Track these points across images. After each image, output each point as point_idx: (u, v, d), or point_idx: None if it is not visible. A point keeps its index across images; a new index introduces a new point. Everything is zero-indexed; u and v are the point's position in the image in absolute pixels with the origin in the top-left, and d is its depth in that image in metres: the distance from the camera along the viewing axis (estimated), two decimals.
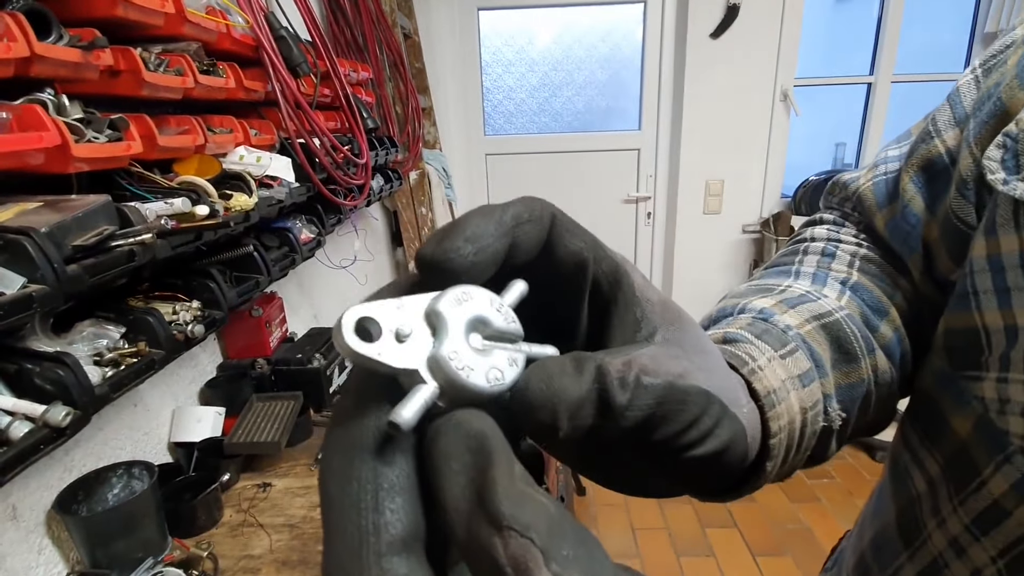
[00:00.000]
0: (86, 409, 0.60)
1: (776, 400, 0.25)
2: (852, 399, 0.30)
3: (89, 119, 0.71)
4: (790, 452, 0.26)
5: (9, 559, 0.76)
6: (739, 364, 0.26)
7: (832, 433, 0.29)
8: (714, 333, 0.30)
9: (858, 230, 0.40)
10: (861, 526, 0.42)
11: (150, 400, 1.01)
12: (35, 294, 0.55)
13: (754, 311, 0.32)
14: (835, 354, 0.30)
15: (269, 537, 0.92)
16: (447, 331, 0.15)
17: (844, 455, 2.58)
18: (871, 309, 0.34)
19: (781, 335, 0.29)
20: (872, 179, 0.39)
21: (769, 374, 0.26)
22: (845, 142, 2.98)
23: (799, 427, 0.26)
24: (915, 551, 0.33)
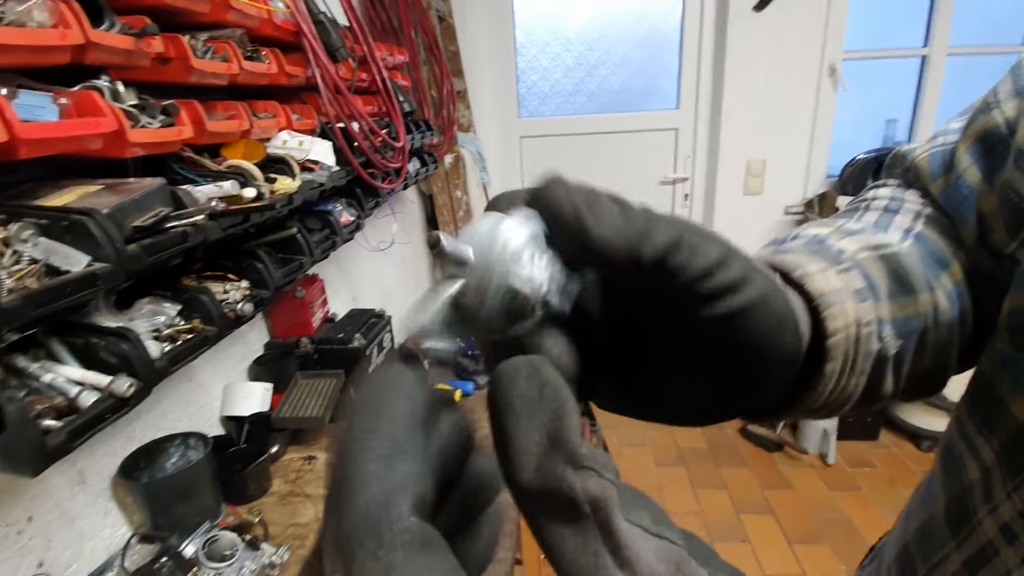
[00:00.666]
0: (147, 381, 0.63)
1: (831, 301, 0.24)
2: (909, 332, 0.28)
3: (143, 105, 0.74)
4: (847, 363, 0.25)
5: (79, 521, 0.82)
6: (788, 270, 0.25)
7: (887, 362, 0.27)
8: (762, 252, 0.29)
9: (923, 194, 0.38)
10: (906, 518, 0.41)
11: (203, 376, 1.07)
12: (99, 272, 0.58)
13: (807, 237, 0.31)
14: (892, 285, 0.28)
15: (315, 507, 0.96)
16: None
17: (888, 444, 2.50)
18: (934, 259, 0.32)
19: (836, 255, 0.28)
20: (929, 150, 0.38)
21: (821, 280, 0.25)
22: (897, 119, 2.82)
23: (854, 336, 0.25)
24: (963, 539, 0.32)
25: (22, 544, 0.74)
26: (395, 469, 0.13)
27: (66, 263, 0.56)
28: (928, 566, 0.35)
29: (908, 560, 0.37)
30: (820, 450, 2.42)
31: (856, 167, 2.48)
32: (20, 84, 0.61)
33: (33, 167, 0.70)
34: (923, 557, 0.35)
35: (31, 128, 0.56)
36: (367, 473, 0.13)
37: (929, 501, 0.37)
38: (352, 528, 0.13)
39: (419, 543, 0.13)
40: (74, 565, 0.80)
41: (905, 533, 0.39)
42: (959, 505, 0.33)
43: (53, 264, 0.56)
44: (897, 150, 0.42)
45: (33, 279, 0.53)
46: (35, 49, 0.59)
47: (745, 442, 2.55)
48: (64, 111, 0.64)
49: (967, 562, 0.31)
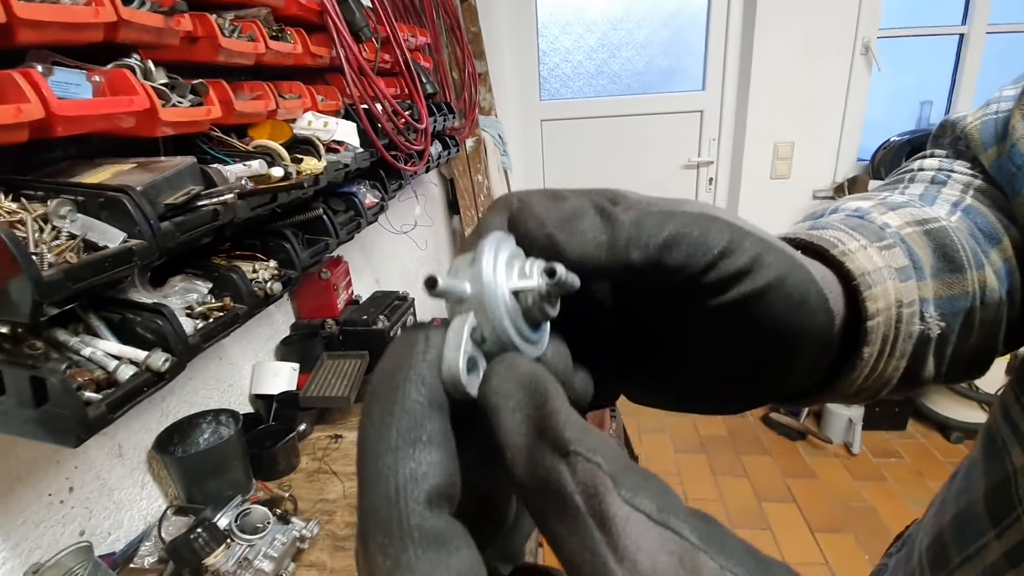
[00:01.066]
0: (182, 356, 0.64)
1: (872, 281, 0.23)
2: (954, 312, 0.27)
3: (173, 84, 0.75)
4: (886, 346, 0.24)
5: (117, 492, 0.85)
6: (827, 247, 0.24)
7: (929, 344, 0.26)
8: (797, 227, 0.28)
9: (972, 164, 0.36)
10: (940, 506, 0.39)
11: (233, 354, 1.09)
12: (135, 248, 0.59)
13: (848, 210, 0.30)
14: (938, 262, 0.27)
15: (342, 484, 0.98)
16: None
17: (915, 434, 2.44)
18: (983, 234, 0.30)
19: (878, 231, 0.26)
20: (981, 118, 0.36)
21: (862, 258, 0.23)
22: (932, 100, 2.71)
23: (895, 318, 0.24)
24: (1005, 529, 0.31)
25: (64, 513, 0.77)
26: (413, 459, 0.13)
27: (103, 239, 0.57)
28: (963, 556, 0.33)
29: (942, 548, 0.36)
30: (845, 439, 2.38)
31: (889, 150, 2.40)
32: (55, 61, 0.61)
33: (69, 145, 0.71)
34: (959, 546, 0.34)
35: (67, 105, 0.57)
36: (381, 468, 0.12)
37: (968, 489, 0.35)
38: (365, 525, 0.12)
39: (432, 539, 0.12)
40: (114, 534, 0.83)
41: (939, 521, 0.38)
42: (1000, 494, 0.31)
43: (90, 240, 0.57)
44: (946, 119, 0.40)
45: (72, 254, 0.54)
46: (69, 26, 0.59)
47: (767, 430, 2.52)
48: (98, 89, 0.64)
49: (1008, 553, 0.30)
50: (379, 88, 1.18)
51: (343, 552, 0.85)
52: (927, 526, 0.40)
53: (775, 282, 0.18)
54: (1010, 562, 0.30)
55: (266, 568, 0.76)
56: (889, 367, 0.25)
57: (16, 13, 0.53)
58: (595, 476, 0.11)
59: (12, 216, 0.54)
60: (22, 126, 0.54)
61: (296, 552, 0.83)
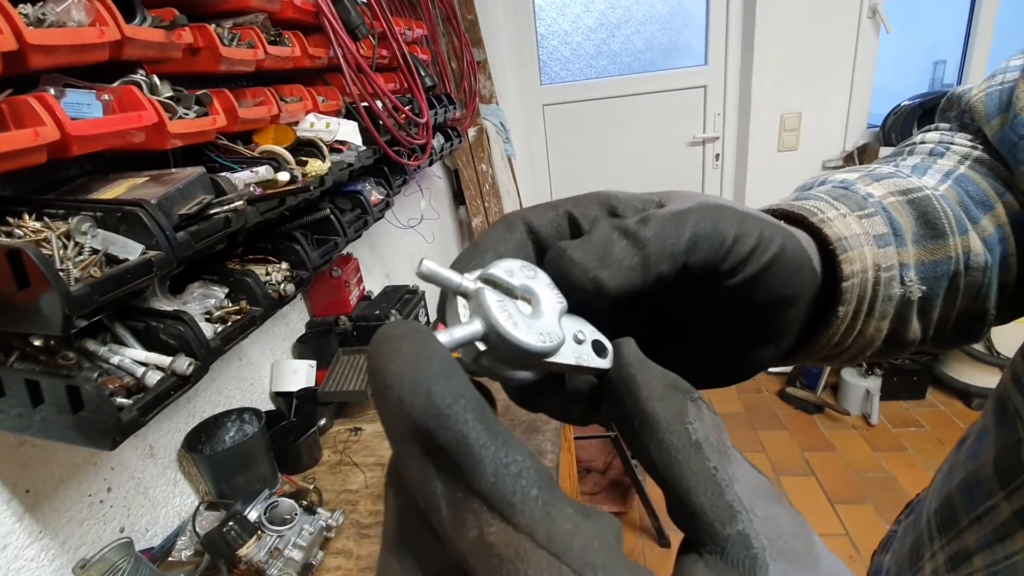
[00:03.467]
0: (204, 360, 0.67)
1: (848, 246, 0.25)
2: (936, 276, 0.28)
3: (178, 97, 0.77)
4: (862, 306, 0.25)
5: (152, 490, 0.89)
6: (806, 215, 0.25)
7: (911, 307, 0.27)
8: (782, 199, 0.29)
9: (975, 137, 0.37)
10: (949, 471, 0.40)
11: (252, 355, 1.12)
12: (154, 259, 0.61)
13: (835, 181, 0.31)
14: (920, 229, 0.28)
15: (364, 474, 1.01)
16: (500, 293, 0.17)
17: (935, 402, 2.43)
18: (974, 200, 0.31)
19: (860, 200, 0.28)
20: (986, 89, 0.36)
21: (840, 225, 0.25)
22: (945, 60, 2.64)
23: (871, 282, 0.25)
24: (1013, 490, 0.31)
25: (104, 511, 0.81)
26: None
27: (123, 252, 0.60)
28: (972, 516, 0.34)
29: (950, 511, 0.37)
30: (863, 411, 2.38)
31: (900, 115, 2.35)
32: (66, 83, 0.64)
33: (84, 162, 0.73)
34: (967, 508, 0.35)
35: (80, 125, 0.60)
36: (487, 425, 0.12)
37: (977, 455, 0.36)
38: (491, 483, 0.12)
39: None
40: (151, 530, 0.88)
41: (948, 485, 0.38)
42: (1009, 457, 0.32)
43: (112, 253, 0.60)
44: (952, 92, 0.40)
45: (96, 268, 0.57)
46: (77, 48, 0.61)
47: (783, 405, 2.52)
48: (108, 107, 0.67)
49: (1018, 512, 0.31)
50: (378, 85, 1.19)
51: (368, 539, 0.88)
52: (935, 491, 0.41)
53: (779, 252, 0.20)
54: (1020, 521, 0.30)
55: (296, 557, 0.80)
56: (869, 327, 0.26)
57: (27, 40, 0.55)
58: None
59: (37, 235, 0.57)
60: (40, 148, 0.56)
61: (323, 541, 0.87)
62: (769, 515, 0.14)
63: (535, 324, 0.16)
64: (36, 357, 0.62)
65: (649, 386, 0.16)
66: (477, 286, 0.16)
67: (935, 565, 0.37)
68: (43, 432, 0.60)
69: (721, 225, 0.19)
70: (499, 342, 0.15)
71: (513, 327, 0.15)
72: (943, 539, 0.37)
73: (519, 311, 0.16)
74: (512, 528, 0.11)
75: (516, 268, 0.17)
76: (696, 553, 0.14)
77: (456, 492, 0.12)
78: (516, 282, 0.17)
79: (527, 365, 0.17)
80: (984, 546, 0.33)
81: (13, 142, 0.53)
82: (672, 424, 0.15)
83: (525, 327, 0.16)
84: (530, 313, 0.17)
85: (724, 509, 0.14)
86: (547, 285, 0.18)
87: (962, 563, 0.34)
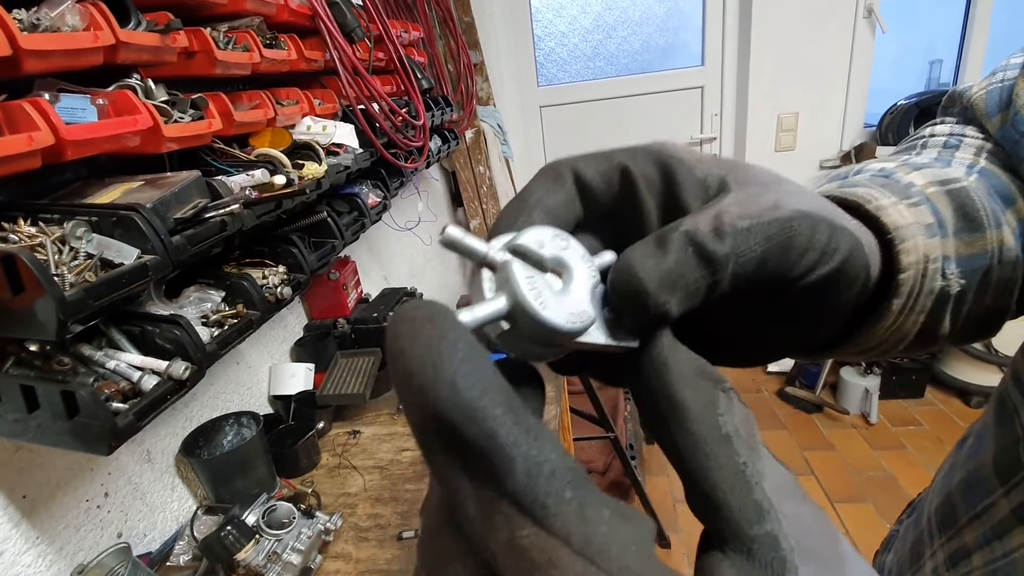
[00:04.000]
0: (201, 364, 0.67)
1: (905, 236, 0.24)
2: (973, 270, 0.27)
3: (173, 100, 0.77)
4: (911, 299, 0.25)
5: (149, 495, 0.89)
6: (862, 202, 0.25)
7: (948, 301, 0.27)
8: (825, 187, 0.28)
9: (982, 130, 0.37)
10: (950, 470, 0.40)
11: (250, 358, 1.12)
12: (149, 263, 0.61)
13: (873, 170, 0.30)
14: (959, 221, 0.28)
15: (362, 477, 1.01)
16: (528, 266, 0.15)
17: (934, 401, 2.43)
18: (999, 195, 0.31)
19: (905, 189, 0.27)
20: (987, 87, 0.36)
21: (895, 213, 0.24)
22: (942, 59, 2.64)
23: (921, 274, 0.25)
24: (1012, 488, 0.31)
25: (102, 517, 0.81)
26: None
27: (118, 256, 0.60)
28: (971, 514, 0.34)
29: (950, 509, 0.37)
30: (862, 410, 2.38)
31: (897, 114, 2.36)
32: (61, 88, 0.64)
33: (79, 167, 0.73)
34: (967, 505, 0.35)
35: (75, 130, 0.59)
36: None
37: (977, 454, 0.36)
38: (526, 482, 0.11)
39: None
40: (149, 535, 0.87)
41: (948, 484, 0.38)
42: (1008, 455, 0.32)
43: (107, 258, 0.59)
44: (953, 90, 0.40)
45: (91, 273, 0.56)
46: (71, 53, 0.61)
47: (783, 404, 2.53)
48: (103, 111, 0.67)
49: (1016, 510, 0.31)
50: (374, 88, 1.19)
51: (367, 543, 0.88)
52: (936, 490, 0.41)
53: (841, 266, 0.19)
54: (1018, 519, 0.31)
55: (294, 560, 0.80)
56: (909, 321, 0.26)
57: (21, 45, 0.55)
58: None
59: (32, 240, 0.57)
60: (35, 154, 0.56)
61: (322, 544, 0.86)
62: (796, 514, 0.14)
63: (564, 301, 0.15)
64: (31, 362, 0.62)
65: (679, 371, 0.15)
66: (504, 258, 0.15)
67: (935, 563, 0.37)
68: (39, 437, 0.60)
69: (795, 238, 0.18)
70: (525, 320, 0.14)
71: (541, 306, 0.14)
72: (943, 537, 0.37)
73: (548, 286, 0.15)
74: (545, 532, 0.11)
75: (548, 238, 0.16)
76: (720, 551, 0.13)
77: (485, 491, 0.11)
78: (547, 253, 0.16)
79: (554, 343, 0.16)
80: (983, 544, 0.33)
81: (7, 147, 0.53)
82: (702, 414, 0.14)
83: (554, 305, 0.15)
84: (560, 289, 0.16)
85: (752, 508, 0.13)
86: (580, 257, 0.16)
87: (961, 561, 0.34)
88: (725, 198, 0.18)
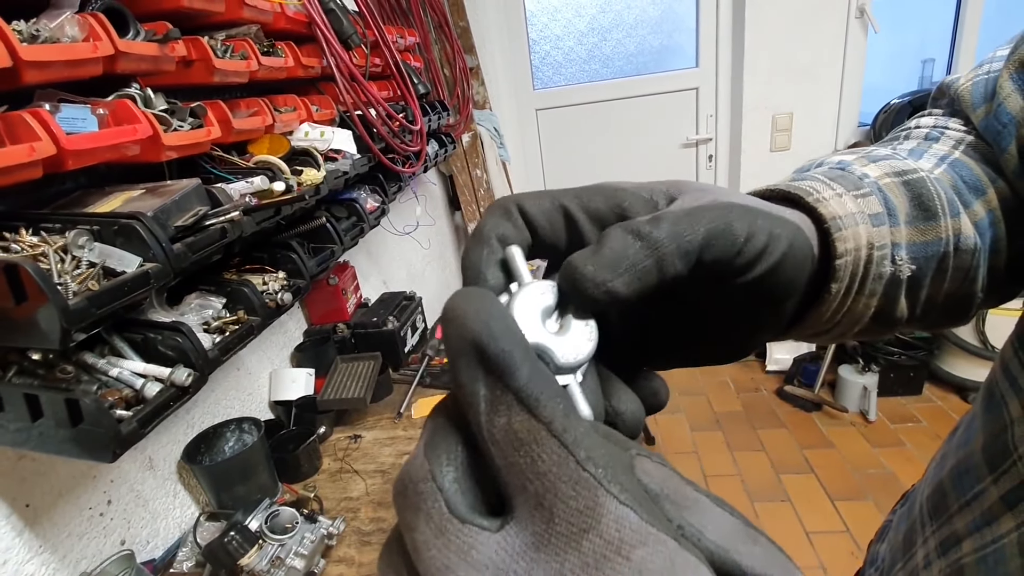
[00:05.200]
0: (203, 370, 0.68)
1: (842, 224, 0.25)
2: (926, 256, 0.28)
3: (172, 109, 0.77)
4: (854, 283, 0.26)
5: (152, 502, 0.89)
6: (802, 195, 0.26)
7: (900, 285, 0.28)
8: (778, 181, 0.30)
9: (967, 123, 0.37)
10: (941, 459, 0.41)
11: (250, 364, 1.12)
12: (151, 271, 0.62)
13: (832, 163, 0.32)
14: (913, 210, 0.29)
15: (364, 481, 1.01)
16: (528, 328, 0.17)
17: (932, 398, 2.44)
18: (967, 185, 0.32)
19: (856, 180, 0.28)
20: (973, 78, 0.37)
21: (835, 204, 0.26)
22: (934, 58, 2.66)
23: (864, 260, 0.26)
24: (1001, 474, 0.32)
25: (105, 524, 0.81)
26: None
27: (120, 264, 0.60)
28: (962, 502, 0.35)
29: (941, 497, 0.37)
30: (860, 407, 2.39)
31: (890, 113, 2.37)
32: (61, 98, 0.64)
33: (79, 176, 0.74)
34: (957, 493, 0.36)
35: (76, 140, 0.60)
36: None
37: (967, 442, 0.37)
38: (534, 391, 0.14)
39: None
40: (152, 542, 0.88)
41: (939, 473, 0.39)
42: (997, 443, 0.33)
43: (109, 266, 0.60)
44: (943, 81, 0.41)
45: (93, 281, 0.57)
46: (71, 63, 0.62)
47: (782, 403, 2.53)
48: (103, 121, 0.67)
49: (1005, 496, 0.31)
50: (371, 93, 1.20)
51: (369, 547, 0.88)
52: (927, 479, 0.41)
53: (788, 250, 0.21)
54: (1007, 505, 0.31)
55: (298, 565, 0.80)
56: (859, 304, 0.27)
57: (21, 56, 0.56)
58: None
59: (35, 249, 0.57)
60: (36, 164, 0.57)
61: (325, 549, 0.87)
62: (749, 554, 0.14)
63: (566, 343, 0.18)
64: (34, 371, 0.62)
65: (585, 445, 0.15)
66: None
67: (927, 551, 0.38)
68: (42, 446, 0.60)
69: (734, 224, 0.19)
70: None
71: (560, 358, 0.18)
72: (934, 525, 0.38)
73: (550, 335, 0.18)
74: (535, 419, 0.14)
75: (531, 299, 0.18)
76: None
77: (495, 390, 0.14)
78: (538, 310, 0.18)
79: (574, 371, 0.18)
80: (973, 530, 0.33)
81: (9, 158, 0.53)
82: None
83: (563, 351, 0.18)
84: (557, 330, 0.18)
85: None
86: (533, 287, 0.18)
87: (952, 548, 0.35)
88: (669, 206, 0.20)
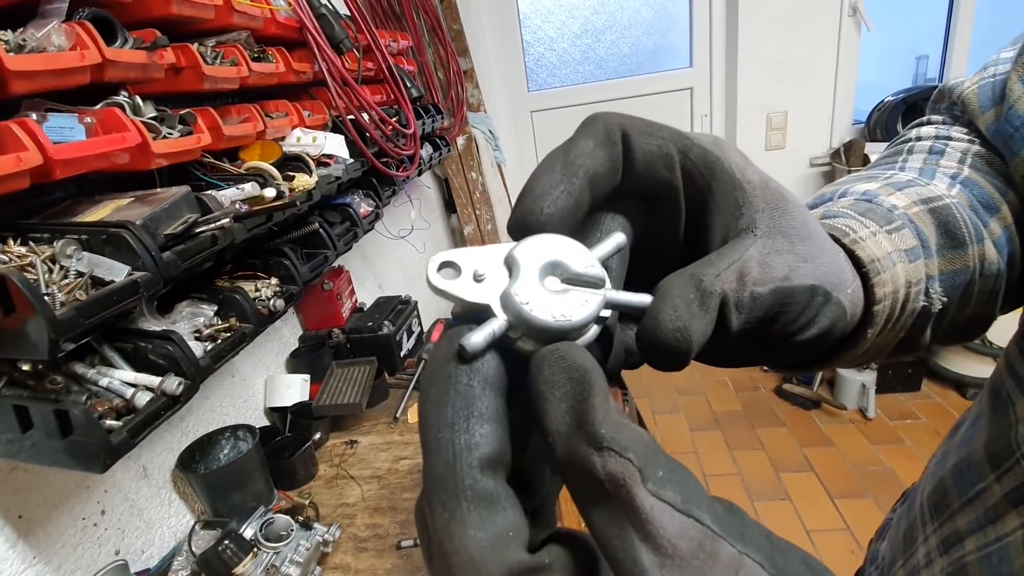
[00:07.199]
0: (194, 379, 0.67)
1: (880, 268, 0.25)
2: (954, 286, 0.28)
3: (162, 116, 0.77)
4: (888, 323, 0.26)
5: (146, 511, 0.89)
6: (839, 236, 0.26)
7: (930, 318, 0.28)
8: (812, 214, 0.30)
9: (969, 130, 0.37)
10: (942, 457, 0.40)
11: (245, 371, 1.12)
12: (140, 280, 0.61)
13: (856, 194, 0.31)
14: (941, 239, 0.29)
15: (360, 487, 1.01)
16: (520, 273, 0.17)
17: (931, 394, 2.44)
18: (981, 205, 0.32)
19: (887, 213, 0.28)
20: (979, 82, 0.36)
21: (872, 245, 0.26)
22: (928, 55, 2.67)
23: (902, 299, 0.26)
24: (1004, 473, 0.32)
25: (99, 535, 0.80)
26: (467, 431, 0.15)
27: (109, 274, 0.60)
28: (964, 499, 0.35)
29: (943, 494, 0.37)
30: (859, 405, 2.38)
31: (884, 110, 2.38)
32: (48, 108, 0.64)
33: (68, 185, 0.73)
34: (959, 491, 0.35)
35: (63, 149, 0.60)
36: (440, 439, 0.15)
37: (970, 440, 0.36)
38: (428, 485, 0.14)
39: (483, 498, 0.14)
40: (147, 551, 0.87)
41: (940, 471, 0.38)
42: (1000, 441, 0.32)
43: (97, 276, 0.60)
44: (943, 85, 0.40)
45: (82, 291, 0.57)
46: (58, 72, 0.62)
47: (781, 402, 2.53)
48: (91, 129, 0.67)
49: (1009, 495, 0.31)
50: (364, 98, 1.20)
51: (366, 553, 0.88)
52: (928, 476, 0.41)
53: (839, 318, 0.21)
54: (1011, 503, 0.31)
55: (293, 573, 0.79)
56: (888, 338, 0.27)
57: (7, 66, 0.55)
58: (625, 470, 0.13)
59: (22, 260, 0.57)
60: (23, 174, 0.56)
61: (320, 556, 0.86)
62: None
63: (557, 301, 0.17)
64: (24, 382, 0.62)
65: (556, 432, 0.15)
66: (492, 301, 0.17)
67: (928, 548, 0.37)
68: (34, 457, 0.60)
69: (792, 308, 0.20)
70: (523, 328, 0.16)
71: (531, 312, 0.16)
72: (935, 523, 0.37)
73: (543, 290, 0.17)
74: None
75: (545, 245, 0.17)
76: None
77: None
78: (541, 261, 0.17)
79: (562, 339, 0.17)
80: (975, 529, 0.33)
81: None
82: None
83: (545, 308, 0.16)
84: (559, 290, 0.17)
85: None
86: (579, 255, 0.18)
87: (954, 546, 0.34)
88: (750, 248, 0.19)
